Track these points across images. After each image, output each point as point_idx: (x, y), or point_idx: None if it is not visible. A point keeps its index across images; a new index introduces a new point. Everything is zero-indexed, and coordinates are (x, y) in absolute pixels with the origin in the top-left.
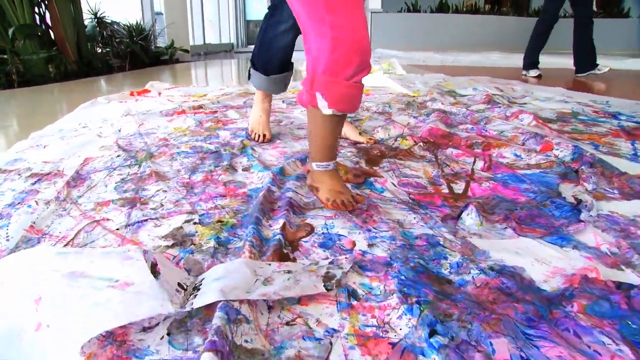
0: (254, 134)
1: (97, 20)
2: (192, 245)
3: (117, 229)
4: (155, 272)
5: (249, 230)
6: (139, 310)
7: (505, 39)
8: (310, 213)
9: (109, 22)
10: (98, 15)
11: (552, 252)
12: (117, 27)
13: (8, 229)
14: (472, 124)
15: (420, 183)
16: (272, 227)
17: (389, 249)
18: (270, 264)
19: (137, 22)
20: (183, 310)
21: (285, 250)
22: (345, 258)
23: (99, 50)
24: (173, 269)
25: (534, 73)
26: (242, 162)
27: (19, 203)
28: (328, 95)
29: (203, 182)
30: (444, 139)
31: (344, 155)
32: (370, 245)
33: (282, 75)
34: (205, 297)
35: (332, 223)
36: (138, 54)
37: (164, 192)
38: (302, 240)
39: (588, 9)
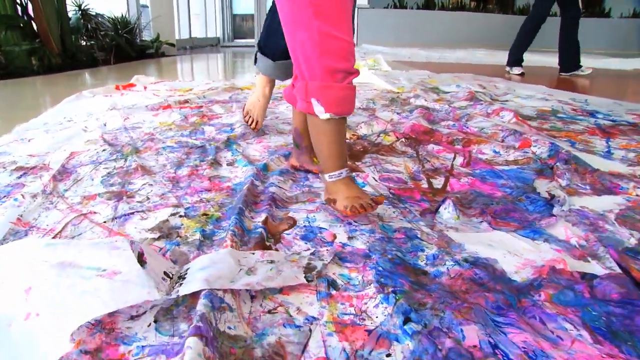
0: (248, 117)
1: (81, 13)
2: (178, 238)
3: (104, 222)
4: (142, 261)
5: (232, 221)
6: (127, 298)
7: (491, 36)
8: (293, 207)
9: (94, 14)
10: (82, 8)
11: (524, 244)
12: (101, 19)
13: None
14: (454, 121)
15: (401, 178)
16: (254, 219)
17: (368, 242)
18: (254, 253)
19: (122, 15)
20: (169, 298)
21: (268, 243)
22: (326, 250)
23: (84, 43)
24: (159, 259)
25: (517, 71)
26: (226, 156)
27: (5, 196)
28: (323, 100)
29: (188, 176)
30: (426, 135)
31: None
32: (350, 238)
33: (288, 62)
34: (191, 285)
35: (313, 216)
36: (123, 48)
37: (150, 185)
38: (284, 233)
39: (575, 10)
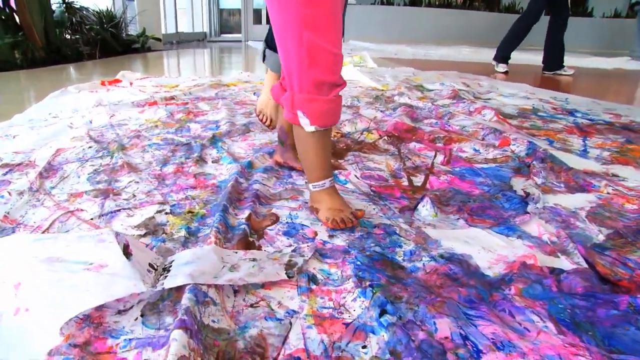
0: (262, 115)
1: (65, 5)
2: (163, 234)
3: (91, 219)
4: (128, 253)
5: (216, 217)
6: (114, 291)
7: (476, 34)
8: (276, 203)
9: (78, 7)
10: (66, 0)
11: (498, 241)
12: (86, 13)
13: None
14: (436, 119)
15: (382, 176)
16: (238, 216)
17: (348, 239)
18: (237, 252)
19: (107, 8)
20: (155, 290)
21: (251, 239)
22: (307, 246)
23: (68, 37)
24: (144, 250)
25: (502, 69)
26: (211, 154)
27: None
28: (309, 113)
29: (174, 173)
30: (408, 133)
31: None
32: (331, 236)
33: None
34: (176, 279)
35: (296, 214)
36: (109, 42)
37: (136, 183)
38: (267, 229)
39: (566, 12)
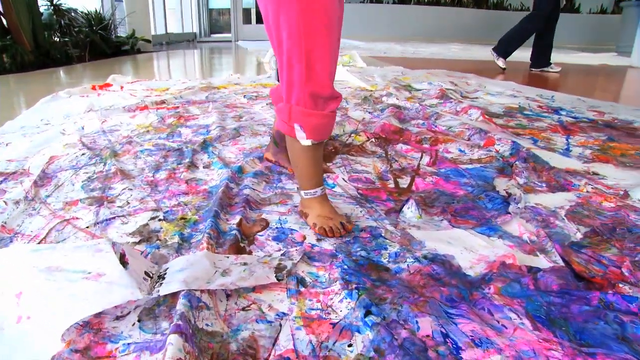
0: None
1: (53, 8)
2: (157, 241)
3: (87, 227)
4: (124, 262)
5: (208, 223)
6: (112, 299)
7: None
8: (266, 208)
9: (66, 9)
10: (54, 2)
11: (480, 241)
12: (75, 15)
13: None
14: (423, 119)
15: (369, 178)
16: (229, 221)
17: (335, 243)
18: (228, 257)
19: (96, 10)
20: (152, 297)
21: (242, 244)
22: (296, 250)
23: (57, 40)
24: (140, 259)
25: (502, 64)
26: (202, 159)
27: None
28: (306, 127)
29: (166, 179)
30: (396, 135)
31: None
32: (319, 240)
33: None
34: (170, 286)
35: (285, 218)
36: (98, 44)
37: (130, 190)
38: (257, 234)
39: (557, 12)
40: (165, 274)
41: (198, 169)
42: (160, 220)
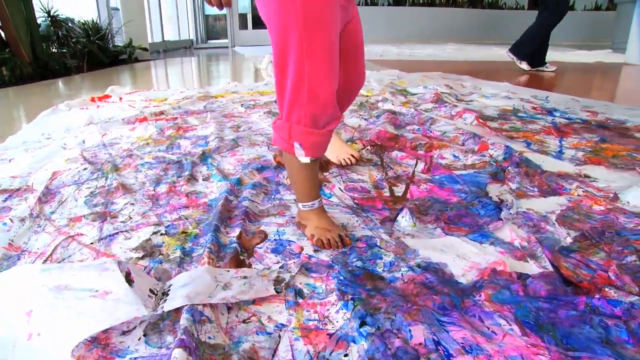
0: (339, 160)
1: (50, 19)
2: (160, 256)
3: (91, 243)
4: (130, 280)
5: (208, 238)
6: (118, 315)
7: (460, 31)
8: (264, 220)
9: (63, 19)
10: (52, 14)
11: (472, 248)
12: (72, 25)
13: None
14: (418, 125)
15: (365, 187)
16: (229, 234)
17: (332, 254)
18: (229, 271)
19: (93, 19)
20: (156, 314)
21: (242, 257)
22: (294, 262)
23: (55, 51)
24: (144, 277)
25: (525, 67)
26: (202, 171)
27: None
28: (305, 145)
29: (167, 193)
30: (391, 141)
31: None
32: (316, 250)
33: None
34: (174, 302)
35: (283, 230)
36: (96, 54)
37: (132, 204)
38: (256, 247)
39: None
40: (169, 290)
41: (198, 182)
42: (162, 235)
